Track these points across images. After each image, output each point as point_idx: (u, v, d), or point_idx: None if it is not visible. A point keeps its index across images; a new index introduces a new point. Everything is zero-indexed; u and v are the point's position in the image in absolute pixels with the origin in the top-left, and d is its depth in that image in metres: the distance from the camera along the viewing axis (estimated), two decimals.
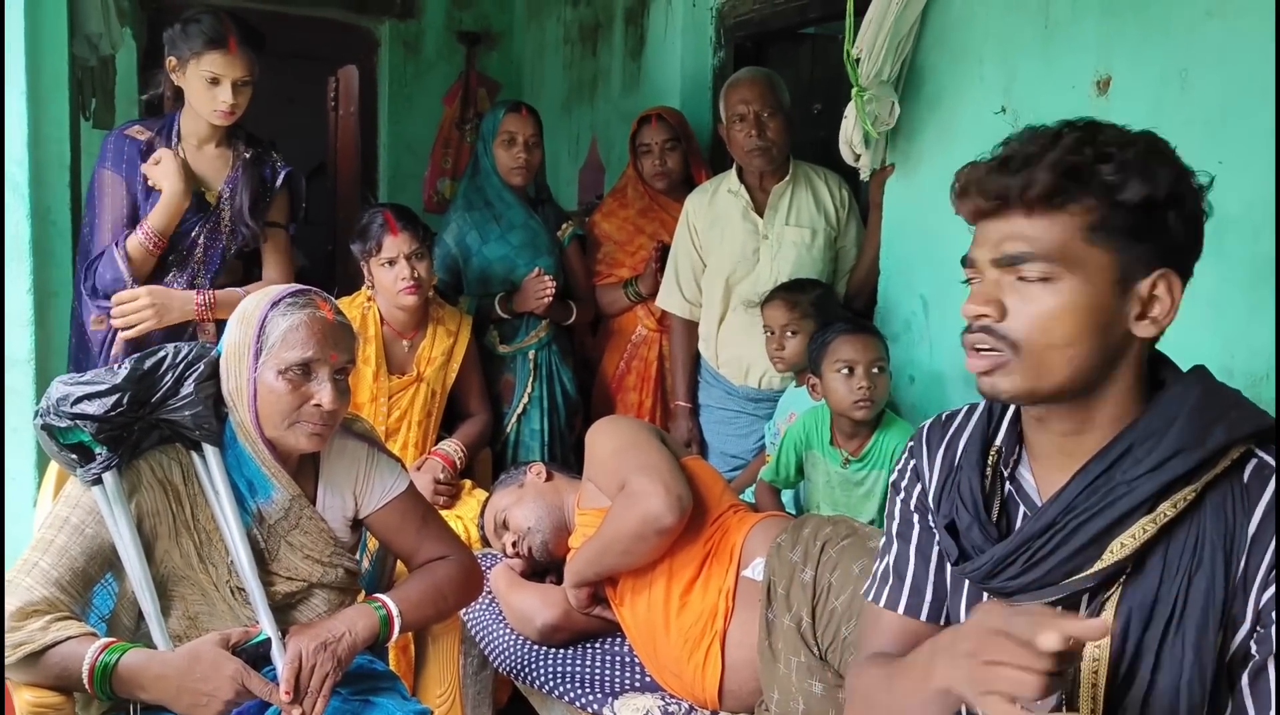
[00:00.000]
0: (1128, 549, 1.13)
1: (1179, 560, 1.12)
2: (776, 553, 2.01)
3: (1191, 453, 1.11)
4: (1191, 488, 1.12)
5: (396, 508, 1.93)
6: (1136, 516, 1.13)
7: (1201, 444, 1.11)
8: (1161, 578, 1.13)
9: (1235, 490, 1.12)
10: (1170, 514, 1.12)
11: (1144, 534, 1.12)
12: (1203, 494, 1.12)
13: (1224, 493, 1.12)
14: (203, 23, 2.66)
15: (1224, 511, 1.12)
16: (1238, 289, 2.02)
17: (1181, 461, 1.11)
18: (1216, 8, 2.05)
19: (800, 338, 2.75)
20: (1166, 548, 1.13)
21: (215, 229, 2.77)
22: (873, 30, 2.61)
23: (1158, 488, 1.12)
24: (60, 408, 1.67)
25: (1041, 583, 1.17)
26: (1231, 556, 1.10)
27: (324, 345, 1.73)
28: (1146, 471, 1.12)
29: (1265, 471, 1.12)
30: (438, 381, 3.06)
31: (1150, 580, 1.14)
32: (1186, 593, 1.12)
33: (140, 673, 1.57)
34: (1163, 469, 1.12)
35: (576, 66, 4.71)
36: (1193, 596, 1.11)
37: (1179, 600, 1.12)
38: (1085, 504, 1.15)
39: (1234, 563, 1.10)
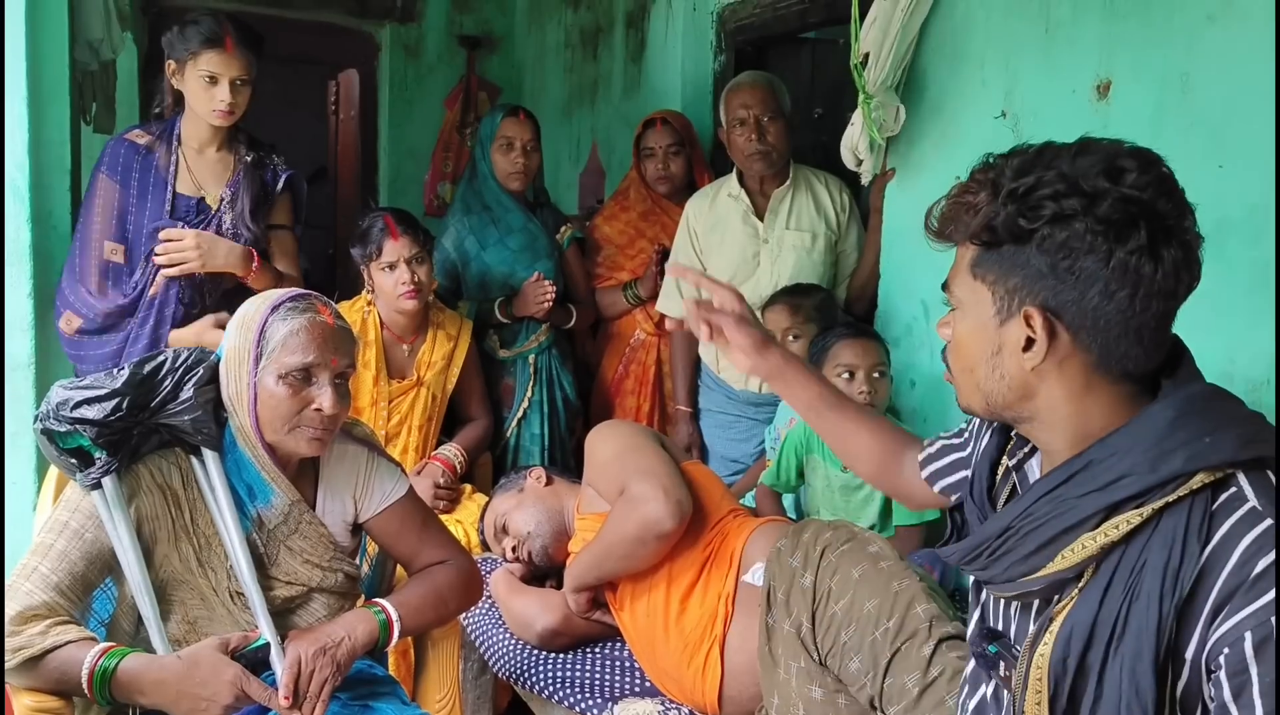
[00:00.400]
0: (1068, 561, 1.14)
1: (1123, 582, 1.11)
2: (776, 558, 2.01)
3: (1140, 477, 1.10)
4: (1138, 511, 1.10)
5: (396, 512, 1.93)
6: (1080, 531, 1.13)
7: (1153, 470, 1.10)
8: (1104, 598, 1.12)
9: (1194, 518, 1.08)
10: (1112, 534, 1.11)
11: (1083, 550, 1.12)
12: (1159, 518, 1.10)
13: (1179, 519, 1.09)
14: (200, 24, 2.68)
15: (1173, 538, 1.08)
16: (1239, 293, 2.01)
17: (1129, 484, 1.10)
18: (1218, 12, 2.05)
19: (802, 342, 2.74)
20: (1115, 568, 1.12)
21: (216, 232, 2.77)
22: (877, 35, 2.61)
23: (1102, 507, 1.12)
24: (60, 412, 1.67)
25: (1002, 578, 1.21)
26: (1175, 585, 1.07)
27: (324, 350, 1.73)
28: (1094, 490, 1.13)
29: (1234, 504, 1.08)
30: (438, 386, 3.06)
31: (1094, 599, 1.13)
32: (1126, 616, 1.11)
33: (139, 677, 1.57)
34: (1109, 489, 1.12)
35: (577, 70, 4.72)
36: (1131, 621, 1.10)
37: (1118, 623, 1.11)
38: (1039, 512, 1.16)
39: (1176, 592, 1.07)
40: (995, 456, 1.33)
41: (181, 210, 2.76)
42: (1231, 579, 1.05)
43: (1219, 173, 2.05)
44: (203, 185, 2.79)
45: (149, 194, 2.74)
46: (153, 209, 2.75)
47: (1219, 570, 1.06)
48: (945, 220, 1.21)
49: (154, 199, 2.74)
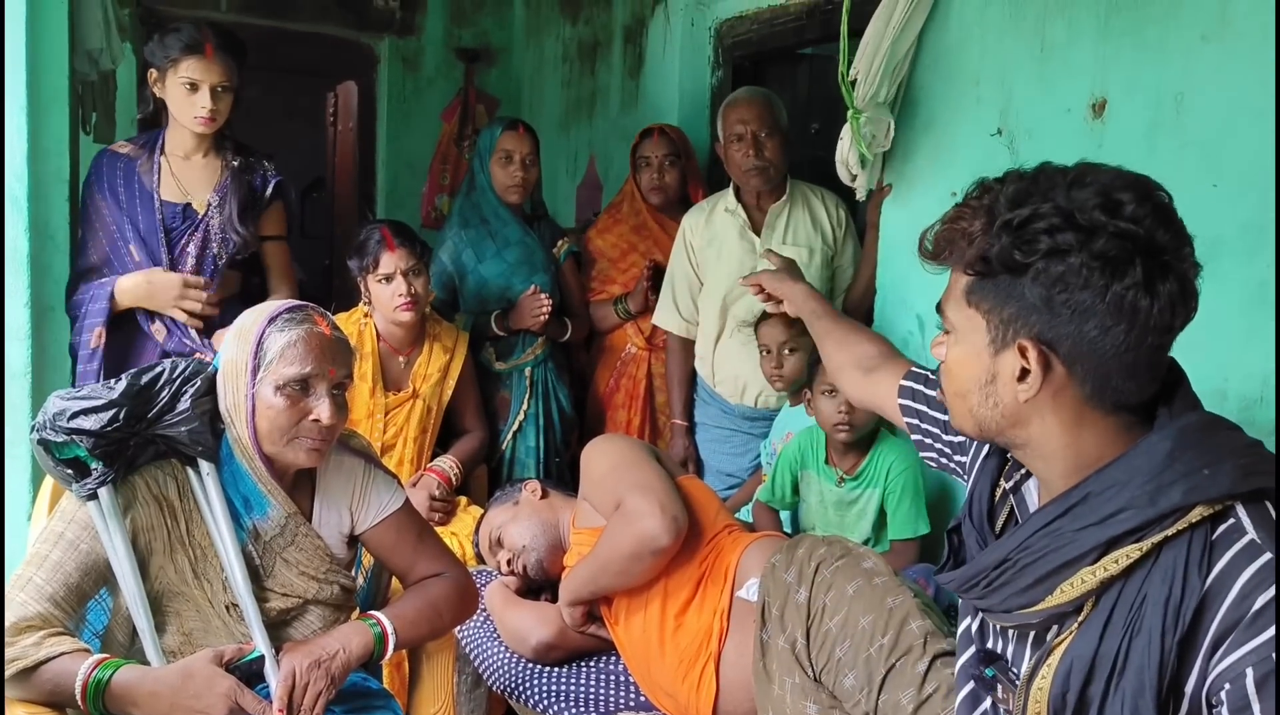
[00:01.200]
0: (1067, 596, 1.13)
1: (1124, 616, 1.10)
2: (771, 573, 2.01)
3: (1139, 511, 1.09)
4: (1137, 546, 1.09)
5: (392, 524, 1.93)
6: (1079, 565, 1.12)
7: (1152, 503, 1.09)
8: (1104, 632, 1.12)
9: (1194, 551, 1.07)
10: (1111, 569, 1.10)
11: (1082, 584, 1.12)
12: (1159, 551, 1.09)
13: (1178, 553, 1.08)
14: (180, 31, 2.70)
15: (1174, 572, 1.07)
16: (1233, 312, 2.02)
17: (1127, 518, 1.10)
18: (1211, 32, 2.07)
19: (799, 355, 2.75)
20: (1115, 602, 1.12)
21: (205, 238, 2.79)
22: (869, 52, 2.63)
23: (1101, 541, 1.11)
24: (56, 422, 1.67)
25: (1000, 608, 1.20)
26: (1176, 620, 1.07)
27: (322, 360, 1.73)
28: (1092, 524, 1.12)
29: (1233, 536, 1.07)
30: (434, 398, 3.06)
31: (1094, 633, 1.13)
32: (1127, 651, 1.10)
33: (133, 689, 1.56)
34: (1107, 523, 1.11)
35: (575, 84, 4.73)
36: (1131, 656, 1.09)
37: (1119, 657, 1.10)
38: (1036, 545, 1.15)
39: (1177, 627, 1.06)
40: (995, 477, 1.32)
41: (168, 217, 2.78)
42: (1231, 613, 1.05)
43: (1213, 192, 2.06)
44: (189, 191, 2.80)
45: (137, 201, 2.77)
46: (143, 216, 2.76)
47: (1218, 604, 1.06)
48: (940, 244, 1.20)
49: (142, 206, 2.76)
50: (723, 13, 3.80)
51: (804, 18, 3.36)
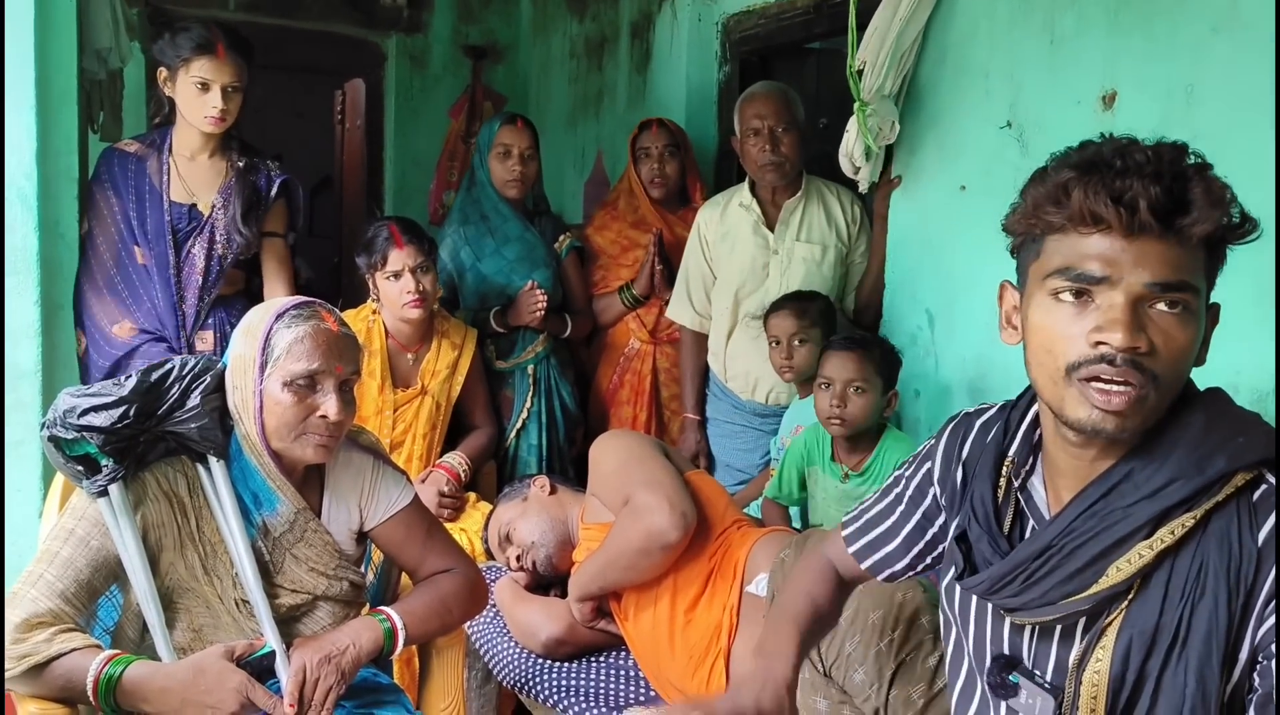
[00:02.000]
0: (1124, 573, 1.11)
1: (1182, 586, 1.10)
2: (780, 568, 2.01)
3: (1189, 480, 1.09)
4: (1190, 515, 1.09)
5: (401, 520, 1.93)
6: (1133, 541, 1.11)
7: (1201, 472, 1.09)
8: (1164, 605, 1.11)
9: (1242, 516, 1.09)
10: (1168, 540, 1.10)
11: (1139, 559, 1.11)
12: (1208, 520, 1.10)
13: (1229, 519, 1.09)
14: (191, 31, 2.71)
15: (1229, 538, 1.09)
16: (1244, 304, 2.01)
17: (1178, 489, 1.09)
18: (1222, 23, 2.06)
19: (809, 346, 2.75)
20: (1170, 574, 1.11)
21: (210, 238, 2.80)
22: (875, 44, 2.62)
23: (1155, 514, 1.10)
24: (67, 419, 1.67)
25: (1040, 602, 1.16)
26: (1238, 583, 1.08)
27: (329, 356, 1.73)
28: (1143, 497, 1.11)
29: (1272, 497, 1.09)
30: (442, 394, 3.06)
31: (1153, 606, 1.12)
32: (1190, 620, 1.10)
33: (144, 685, 1.57)
34: (1159, 496, 1.10)
35: (582, 81, 4.72)
36: (1195, 624, 1.09)
37: (1181, 627, 1.10)
38: (1083, 527, 1.14)
39: (1239, 589, 1.08)
40: (994, 478, 1.27)
41: (175, 218, 2.79)
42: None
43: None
44: (195, 192, 2.82)
45: (146, 201, 2.78)
46: (152, 217, 2.78)
47: (1271, 562, 1.07)
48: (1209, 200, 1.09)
49: (151, 205, 2.78)
50: (730, 8, 3.79)
51: (811, 12, 3.35)
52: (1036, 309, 1.14)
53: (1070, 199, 1.08)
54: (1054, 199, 1.10)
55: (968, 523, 1.27)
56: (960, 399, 2.69)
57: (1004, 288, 1.25)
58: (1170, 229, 1.06)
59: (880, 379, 2.46)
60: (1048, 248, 1.13)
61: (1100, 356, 1.07)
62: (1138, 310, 1.07)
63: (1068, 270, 1.09)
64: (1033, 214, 1.13)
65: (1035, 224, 1.13)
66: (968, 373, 2.68)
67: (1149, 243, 1.06)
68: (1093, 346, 1.07)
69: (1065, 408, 1.11)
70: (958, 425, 1.39)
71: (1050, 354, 1.11)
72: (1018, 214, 1.17)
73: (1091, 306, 1.08)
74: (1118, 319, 1.06)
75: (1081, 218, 1.08)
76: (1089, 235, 1.08)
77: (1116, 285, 1.07)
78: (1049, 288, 1.12)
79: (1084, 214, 1.07)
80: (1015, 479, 1.26)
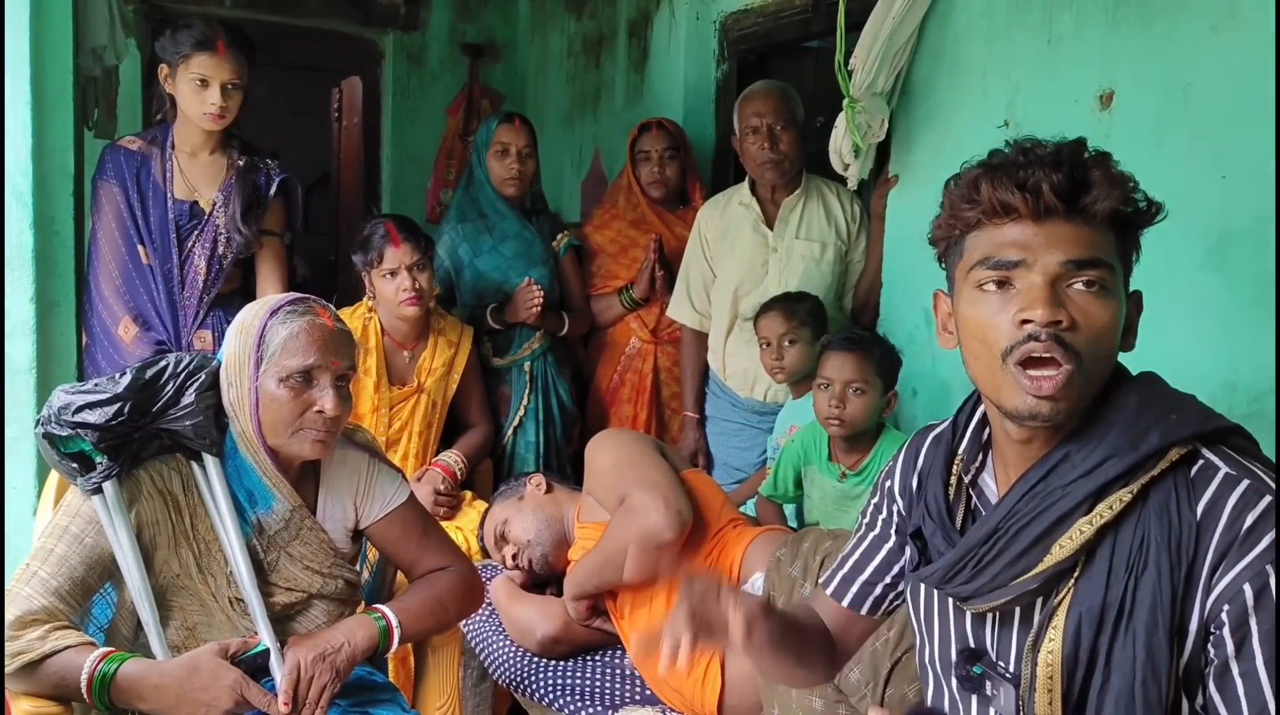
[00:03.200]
0: (1066, 550, 1.14)
1: (1126, 561, 1.13)
2: (776, 567, 2.00)
3: (1124, 457, 1.13)
4: (1127, 490, 1.13)
5: (397, 518, 1.93)
6: (1073, 519, 1.14)
7: (1135, 448, 1.13)
8: (1109, 580, 1.14)
9: (1180, 490, 1.12)
10: (1106, 515, 1.13)
11: (1080, 535, 1.14)
12: (1146, 495, 1.13)
13: (1167, 493, 1.13)
14: (192, 28, 2.71)
15: (1168, 511, 1.12)
16: (1242, 303, 2.01)
17: (1114, 465, 1.13)
18: (1220, 22, 2.06)
19: (799, 347, 2.75)
20: (1113, 549, 1.14)
21: (212, 237, 2.80)
22: (868, 42, 2.62)
23: (1092, 490, 1.14)
24: (62, 416, 1.67)
25: (990, 586, 1.20)
26: (1179, 555, 1.10)
27: (325, 351, 1.73)
28: (1080, 476, 1.15)
29: (1209, 471, 1.12)
30: (439, 392, 3.05)
31: (1098, 582, 1.15)
32: (1134, 593, 1.12)
33: (139, 682, 1.57)
34: (1095, 473, 1.14)
35: (580, 79, 4.72)
36: (1140, 596, 1.12)
37: (1127, 600, 1.13)
38: (1025, 509, 1.17)
39: (1181, 561, 1.10)
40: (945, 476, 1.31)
41: (177, 214, 2.79)
42: (1224, 538, 1.09)
43: (1222, 183, 2.05)
44: (196, 189, 2.82)
45: (149, 198, 2.78)
46: (155, 213, 2.78)
47: (1211, 533, 1.10)
48: (1108, 183, 1.15)
49: (155, 203, 2.78)
50: (727, 6, 3.79)
51: (809, 11, 3.34)
52: (966, 304, 1.20)
53: (980, 194, 1.17)
54: (967, 197, 1.19)
55: (922, 520, 1.31)
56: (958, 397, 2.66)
57: (937, 296, 1.32)
58: (1075, 210, 1.14)
59: (880, 379, 2.45)
60: (968, 245, 1.21)
61: (1027, 335, 1.12)
62: (1056, 289, 1.13)
63: (987, 260, 1.17)
64: (951, 215, 1.22)
65: (954, 224, 1.22)
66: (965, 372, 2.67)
67: (1058, 225, 1.14)
68: (1019, 326, 1.13)
69: (1003, 397, 1.17)
70: (914, 439, 1.44)
71: (984, 344, 1.17)
72: (939, 220, 1.25)
73: (1013, 292, 1.15)
74: (1038, 297, 1.12)
75: (993, 209, 1.16)
76: (1002, 225, 1.16)
77: (1033, 267, 1.14)
78: (974, 281, 1.18)
79: (994, 205, 1.16)
80: (965, 475, 1.31)
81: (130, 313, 2.79)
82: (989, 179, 1.16)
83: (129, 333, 2.80)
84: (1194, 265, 2.07)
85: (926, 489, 1.32)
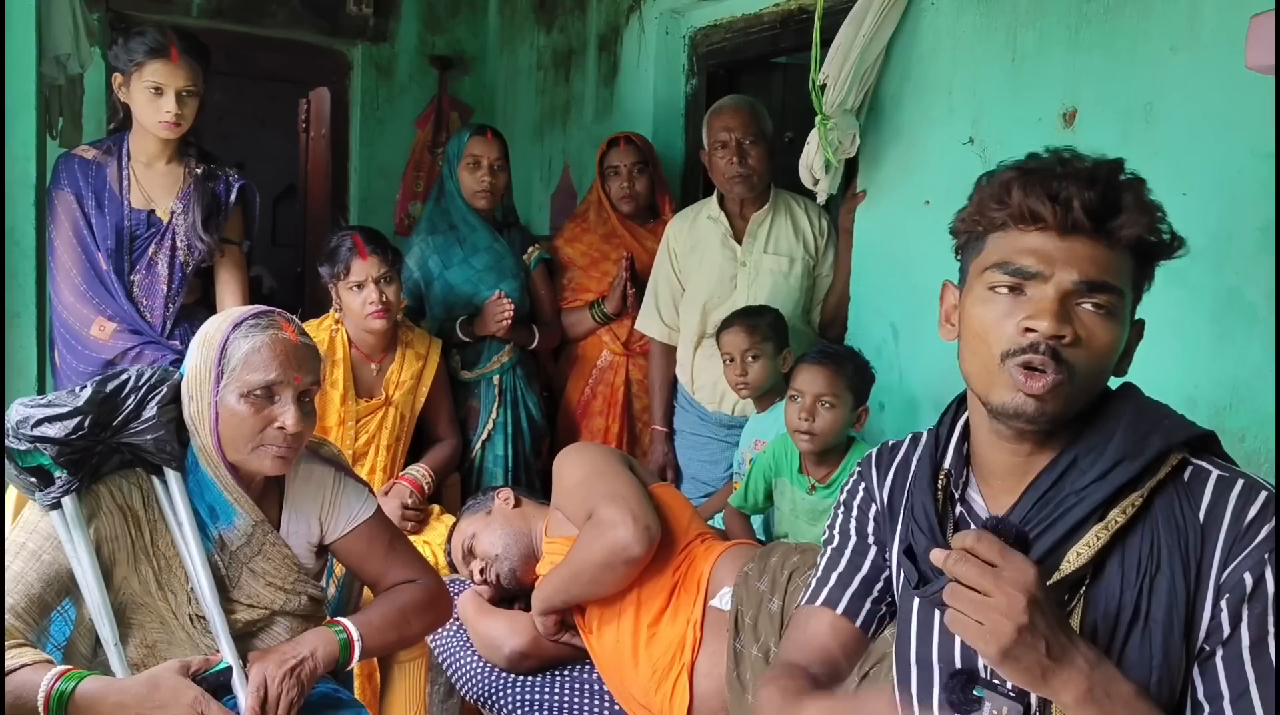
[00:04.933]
0: (1083, 557, 1.15)
1: (1137, 565, 1.14)
2: (744, 582, 2.00)
3: (1133, 461, 1.14)
4: (1138, 494, 1.15)
5: (363, 533, 1.91)
6: (1089, 525, 1.15)
7: (1141, 452, 1.15)
8: (1122, 584, 1.15)
9: (1180, 494, 1.15)
10: (1120, 520, 1.14)
11: (1097, 541, 1.15)
12: (1151, 501, 1.15)
13: (1170, 497, 1.15)
14: (145, 35, 2.69)
15: (1174, 515, 1.14)
16: (1202, 320, 2.04)
17: (1124, 469, 1.14)
18: (1180, 43, 2.09)
19: (763, 361, 2.75)
20: (1123, 555, 1.15)
21: (171, 246, 2.77)
22: (839, 58, 2.64)
23: (1106, 494, 1.15)
24: (20, 430, 1.64)
25: None
26: (1188, 557, 1.13)
27: (287, 367, 1.71)
28: (1094, 480, 1.15)
29: (1202, 475, 1.15)
30: (406, 405, 3.04)
31: (1112, 588, 1.15)
32: (1150, 595, 1.13)
33: (98, 700, 1.54)
34: (1108, 477, 1.15)
35: (549, 92, 4.72)
36: (1155, 599, 1.13)
37: (1143, 603, 1.14)
38: (1039, 516, 1.17)
39: (1190, 563, 1.12)
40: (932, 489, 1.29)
41: (134, 224, 2.77)
42: (1229, 535, 1.12)
43: (1183, 200, 2.07)
44: (152, 198, 2.80)
45: (105, 207, 2.75)
46: (112, 222, 2.75)
47: (1217, 534, 1.12)
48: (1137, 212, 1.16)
49: (111, 212, 2.75)
50: (697, 21, 3.81)
51: (778, 27, 3.37)
52: (975, 302, 1.20)
53: (1011, 197, 1.16)
54: (998, 198, 1.18)
55: (911, 535, 1.29)
56: (925, 412, 2.70)
57: (945, 287, 1.32)
58: (1101, 231, 1.14)
59: (851, 394, 2.46)
60: (989, 245, 1.20)
61: (1029, 343, 1.13)
62: (1065, 304, 1.14)
63: (1005, 264, 1.16)
64: (978, 212, 1.21)
65: (980, 222, 1.21)
66: (932, 386, 2.69)
67: (1081, 242, 1.14)
68: (1022, 333, 1.14)
69: (993, 393, 1.17)
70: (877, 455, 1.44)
71: (984, 342, 1.18)
72: (964, 213, 1.25)
73: (1024, 299, 1.16)
74: (1047, 309, 1.13)
75: (1021, 215, 1.16)
76: (1027, 232, 1.16)
77: (1048, 281, 1.14)
78: (987, 281, 1.19)
79: (1023, 211, 1.15)
80: (955, 490, 1.29)
81: (102, 313, 2.76)
82: (1022, 184, 1.16)
83: (105, 331, 2.76)
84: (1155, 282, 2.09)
85: (914, 503, 1.30)
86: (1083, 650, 1.08)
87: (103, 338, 2.75)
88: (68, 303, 2.77)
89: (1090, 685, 1.07)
